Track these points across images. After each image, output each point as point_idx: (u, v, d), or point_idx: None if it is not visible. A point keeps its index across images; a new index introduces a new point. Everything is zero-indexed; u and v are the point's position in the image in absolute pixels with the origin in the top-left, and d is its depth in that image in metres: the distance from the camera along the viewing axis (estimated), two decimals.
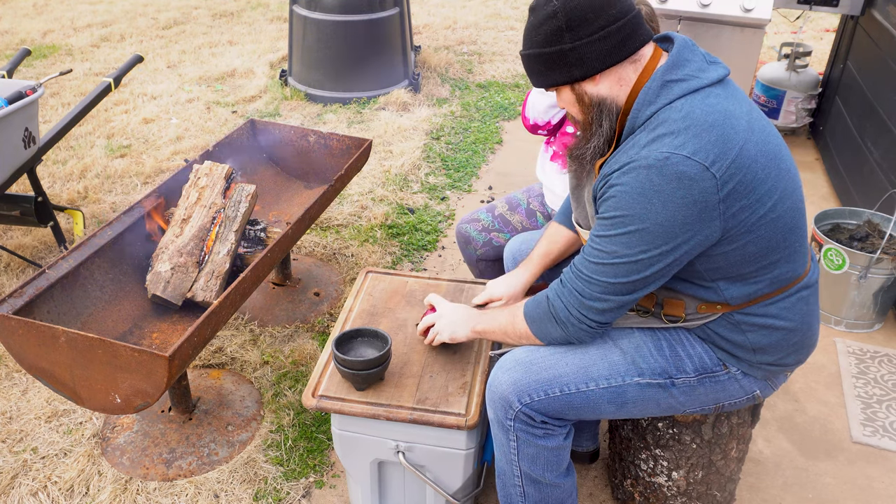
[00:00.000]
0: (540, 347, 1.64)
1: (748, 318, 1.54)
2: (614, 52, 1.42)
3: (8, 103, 2.76)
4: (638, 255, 1.40)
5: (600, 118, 1.49)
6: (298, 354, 2.61)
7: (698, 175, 1.33)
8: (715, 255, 1.45)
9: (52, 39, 5.85)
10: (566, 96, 1.52)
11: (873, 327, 2.88)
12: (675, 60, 1.43)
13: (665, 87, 1.41)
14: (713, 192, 1.35)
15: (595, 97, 1.48)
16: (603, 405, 1.61)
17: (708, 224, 1.38)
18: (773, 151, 1.43)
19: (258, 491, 2.12)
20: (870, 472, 2.24)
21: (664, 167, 1.34)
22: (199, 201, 2.41)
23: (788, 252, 1.49)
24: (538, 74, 1.51)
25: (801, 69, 4.26)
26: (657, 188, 1.35)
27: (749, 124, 1.41)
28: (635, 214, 1.37)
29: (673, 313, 1.58)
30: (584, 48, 1.42)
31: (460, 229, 2.46)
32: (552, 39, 1.43)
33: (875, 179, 3.24)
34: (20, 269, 3.03)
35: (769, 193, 1.41)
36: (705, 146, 1.34)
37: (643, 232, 1.38)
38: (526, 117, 2.32)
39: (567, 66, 1.45)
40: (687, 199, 1.34)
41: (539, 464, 1.66)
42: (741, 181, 1.37)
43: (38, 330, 1.81)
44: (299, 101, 4.78)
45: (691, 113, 1.38)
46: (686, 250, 1.41)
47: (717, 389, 1.61)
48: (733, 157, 1.36)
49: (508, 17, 6.82)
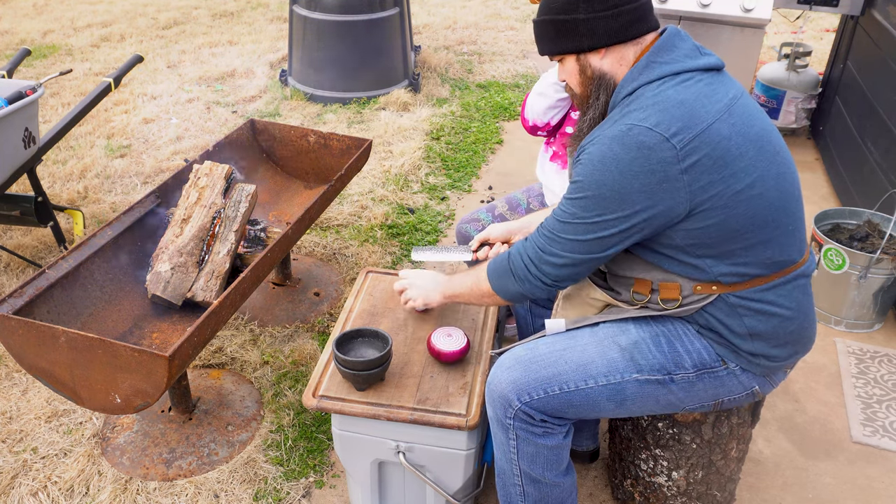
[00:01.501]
0: (539, 345, 1.66)
1: (744, 302, 1.54)
2: (623, 31, 1.52)
3: (8, 103, 2.75)
4: (594, 218, 1.47)
5: (598, 92, 1.57)
6: (298, 354, 2.61)
7: (657, 145, 1.39)
8: (693, 230, 1.47)
9: (52, 39, 5.85)
10: (570, 66, 1.60)
11: (873, 327, 2.88)
12: (663, 44, 1.52)
13: (648, 66, 1.50)
14: (673, 162, 1.40)
15: (597, 70, 1.56)
16: (602, 403, 1.62)
17: (670, 195, 1.42)
18: (754, 134, 1.47)
19: (258, 491, 2.12)
20: (870, 472, 2.24)
21: (625, 137, 1.42)
22: (199, 201, 2.41)
23: (778, 233, 1.50)
24: (548, 41, 1.59)
25: (801, 69, 4.26)
26: (616, 156, 1.42)
27: (728, 108, 1.46)
28: (594, 180, 1.45)
29: (669, 297, 1.59)
30: (596, 21, 1.51)
31: (460, 229, 2.46)
32: (568, 8, 1.52)
33: (875, 179, 3.24)
34: (20, 269, 3.03)
35: (745, 170, 1.44)
36: (668, 119, 1.41)
37: (598, 197, 1.45)
38: (525, 118, 2.32)
39: (577, 36, 1.54)
40: (644, 167, 1.40)
41: (539, 463, 1.66)
42: (708, 155, 1.41)
43: (38, 330, 1.81)
44: (299, 101, 4.78)
45: (663, 92, 1.45)
46: (645, 218, 1.45)
47: (716, 385, 1.61)
48: (698, 132, 1.41)
49: (508, 17, 6.82)
